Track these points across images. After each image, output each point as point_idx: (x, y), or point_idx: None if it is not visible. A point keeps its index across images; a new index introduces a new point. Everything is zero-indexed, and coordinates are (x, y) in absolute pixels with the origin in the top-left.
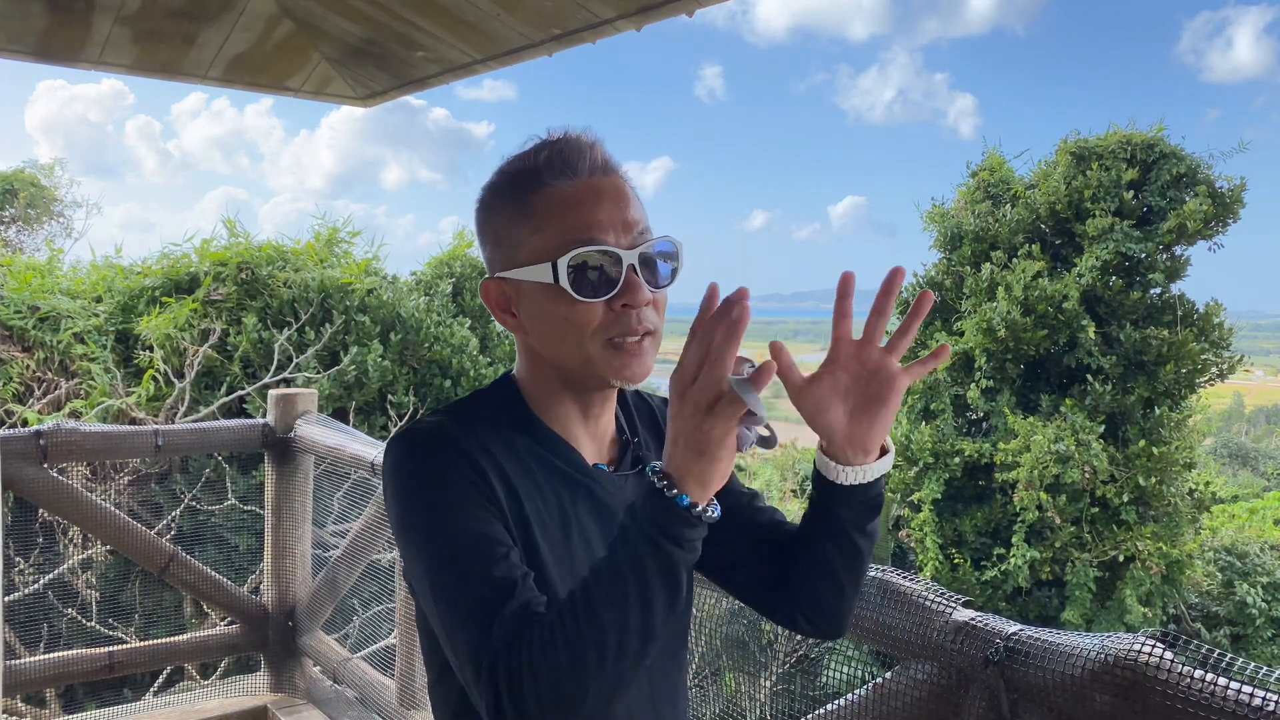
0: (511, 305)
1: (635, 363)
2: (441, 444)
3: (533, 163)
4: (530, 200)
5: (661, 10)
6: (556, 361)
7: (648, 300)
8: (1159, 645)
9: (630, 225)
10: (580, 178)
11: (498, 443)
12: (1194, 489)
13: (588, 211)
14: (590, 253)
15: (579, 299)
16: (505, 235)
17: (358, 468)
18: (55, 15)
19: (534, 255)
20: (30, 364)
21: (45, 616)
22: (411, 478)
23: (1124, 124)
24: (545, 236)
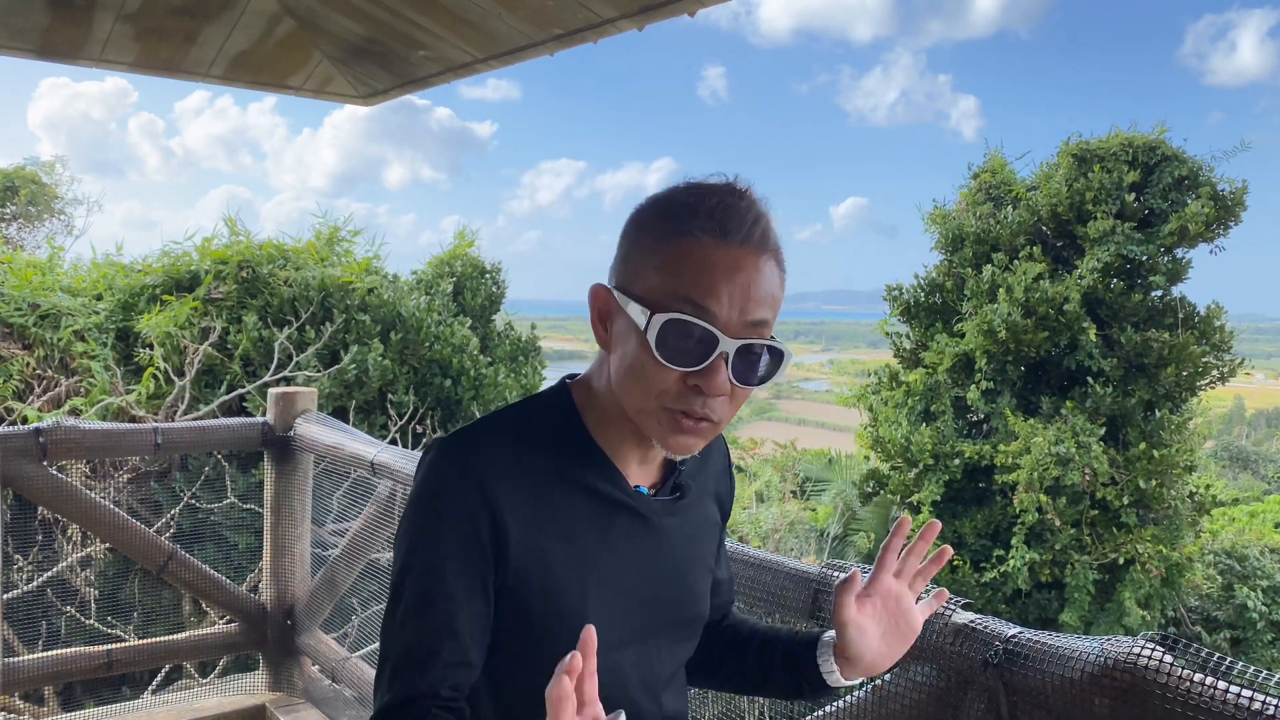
0: (608, 320)
1: (686, 439)
2: (462, 472)
3: (693, 206)
4: (671, 239)
5: (663, 10)
6: (619, 392)
7: (723, 392)
8: (1159, 649)
9: (749, 312)
10: (728, 243)
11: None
12: (1194, 492)
13: (715, 282)
14: (688, 323)
15: (658, 360)
16: (634, 256)
17: (357, 466)
18: (57, 13)
19: (646, 293)
20: (30, 361)
21: (44, 614)
22: (421, 500)
23: (1126, 126)
24: (662, 281)
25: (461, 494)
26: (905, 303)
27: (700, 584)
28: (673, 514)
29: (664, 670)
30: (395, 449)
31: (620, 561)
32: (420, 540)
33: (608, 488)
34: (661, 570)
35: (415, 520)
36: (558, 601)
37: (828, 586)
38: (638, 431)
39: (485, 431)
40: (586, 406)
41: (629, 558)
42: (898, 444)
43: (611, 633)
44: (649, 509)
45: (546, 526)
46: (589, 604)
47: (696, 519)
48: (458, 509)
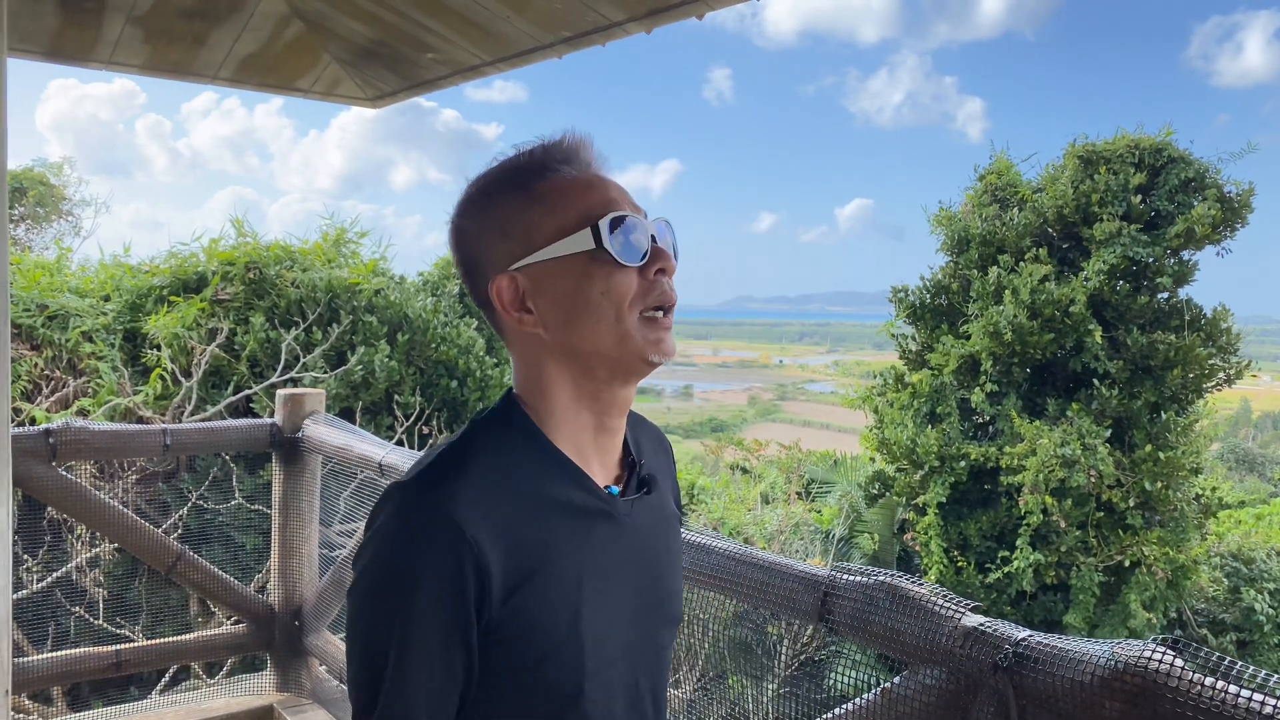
0: (530, 298)
1: (668, 337)
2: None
3: (531, 158)
4: (536, 187)
5: (671, 13)
6: (588, 348)
7: (673, 264)
8: (1169, 652)
9: (638, 206)
10: (585, 168)
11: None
12: (1200, 494)
13: (601, 191)
14: (623, 217)
15: (622, 263)
16: (515, 225)
17: (365, 468)
18: (67, 16)
19: (557, 233)
20: (38, 362)
21: (53, 614)
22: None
23: (1132, 128)
24: (564, 214)
25: (439, 548)
26: (911, 304)
27: (676, 581)
28: (643, 511)
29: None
30: (403, 450)
31: (604, 574)
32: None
33: (582, 497)
34: (642, 574)
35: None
36: (550, 633)
37: (836, 589)
38: (593, 422)
39: (449, 470)
40: (538, 412)
41: (611, 568)
42: (903, 446)
43: (604, 650)
44: (622, 511)
45: (529, 557)
46: (581, 628)
47: (663, 514)
48: (437, 565)
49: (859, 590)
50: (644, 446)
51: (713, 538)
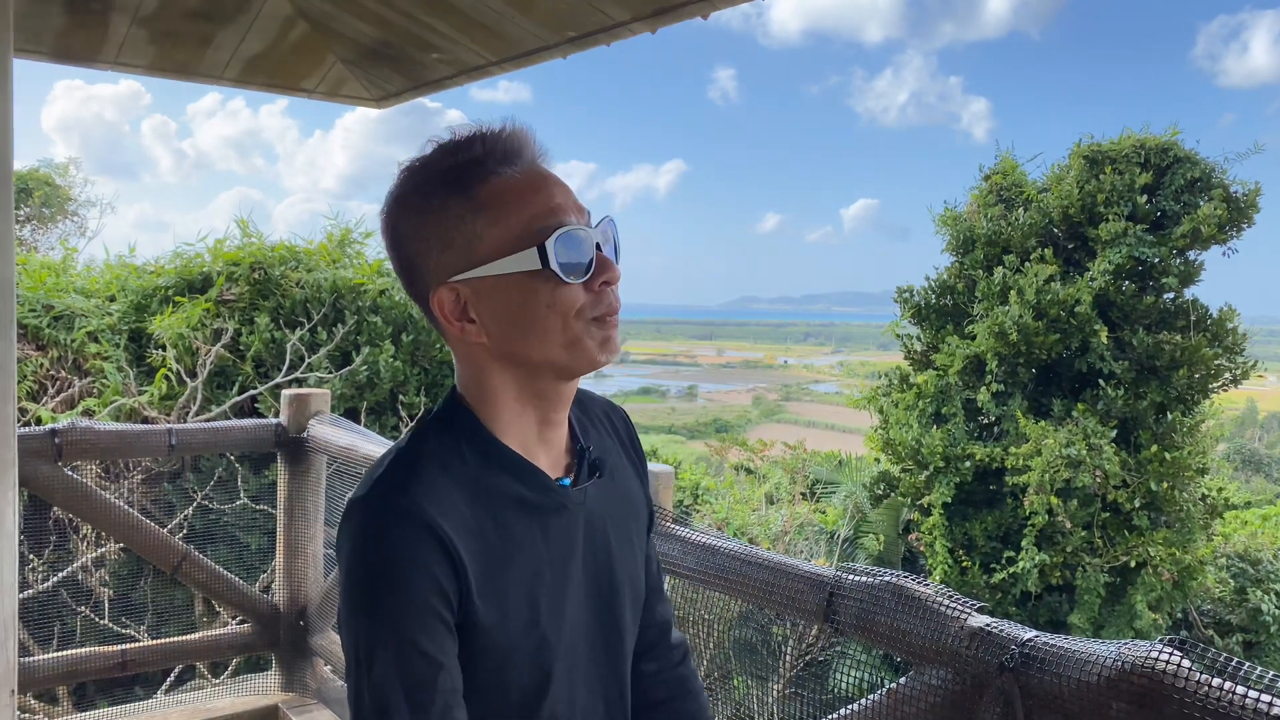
0: (471, 309)
1: (613, 335)
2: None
3: (470, 154)
4: (478, 192)
5: (676, 13)
6: (536, 358)
7: (617, 276)
8: (1176, 653)
9: (582, 208)
10: (527, 165)
11: (459, 494)
12: (1206, 494)
13: (547, 196)
14: (569, 233)
15: (566, 281)
16: (456, 234)
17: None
18: (73, 16)
19: (501, 247)
20: (44, 362)
21: (58, 614)
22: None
23: (1138, 128)
24: (507, 227)
25: (414, 545)
26: (916, 305)
27: (635, 566)
28: (597, 496)
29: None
30: None
31: (562, 565)
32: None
33: (534, 493)
34: (600, 560)
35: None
36: (513, 625)
37: (842, 589)
38: (538, 416)
39: (405, 475)
40: (482, 411)
41: (568, 560)
42: (908, 446)
43: (564, 640)
44: (575, 502)
45: (492, 553)
46: (541, 621)
47: (620, 496)
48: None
49: (864, 590)
50: (590, 428)
51: (717, 538)
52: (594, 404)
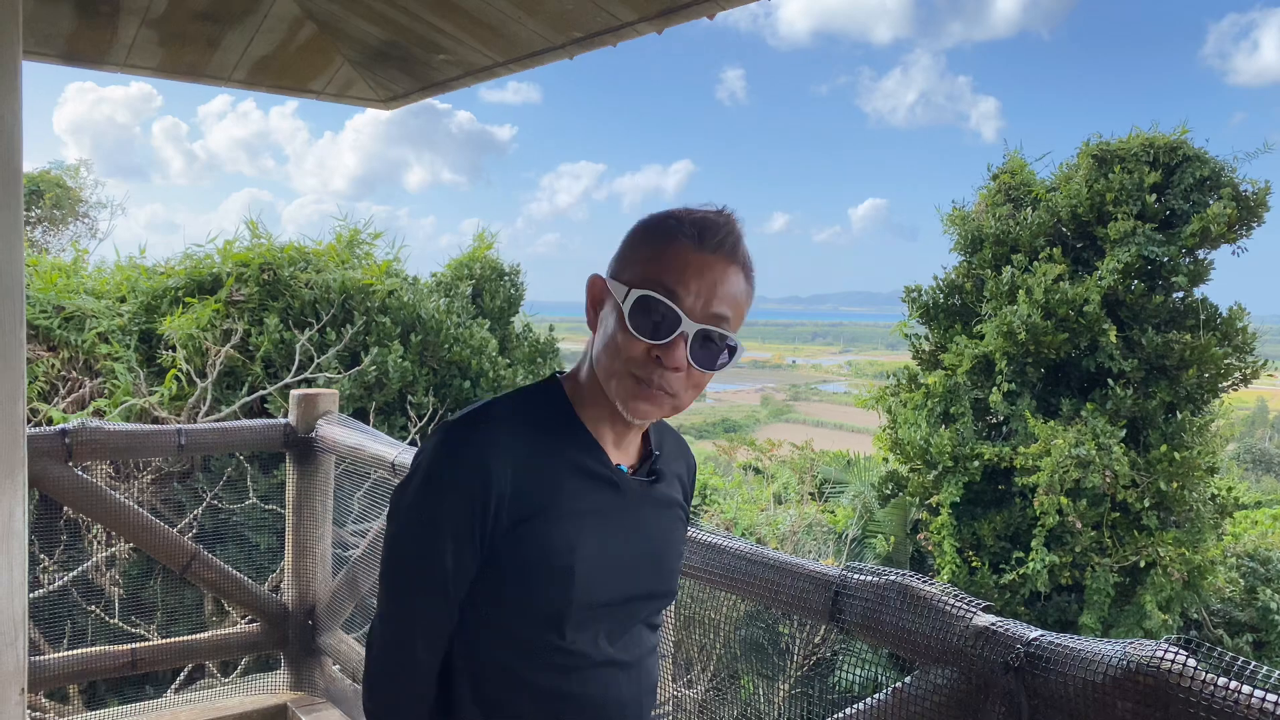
0: (599, 305)
1: (645, 405)
2: (466, 449)
3: (680, 217)
4: (658, 241)
5: (682, 13)
6: (597, 363)
7: (679, 366)
8: (1181, 652)
9: (712, 305)
10: (702, 250)
11: (531, 439)
12: (1216, 494)
13: (686, 275)
14: (658, 301)
15: (629, 330)
16: (628, 253)
17: (378, 468)
18: (83, 19)
19: (629, 276)
20: (55, 363)
21: (69, 613)
22: (429, 470)
23: (1147, 127)
24: (645, 270)
25: (465, 467)
26: (924, 304)
27: (672, 562)
28: (648, 494)
29: (639, 638)
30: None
31: (604, 529)
32: (424, 505)
33: (593, 464)
34: (639, 543)
35: (421, 488)
36: (550, 557)
37: (848, 589)
38: (614, 413)
39: (485, 415)
40: (573, 394)
41: (612, 527)
42: (917, 446)
43: (593, 592)
44: (628, 485)
45: (536, 497)
46: (576, 564)
47: (667, 504)
48: (460, 481)
49: (870, 590)
50: (666, 449)
51: (725, 537)
52: (676, 438)
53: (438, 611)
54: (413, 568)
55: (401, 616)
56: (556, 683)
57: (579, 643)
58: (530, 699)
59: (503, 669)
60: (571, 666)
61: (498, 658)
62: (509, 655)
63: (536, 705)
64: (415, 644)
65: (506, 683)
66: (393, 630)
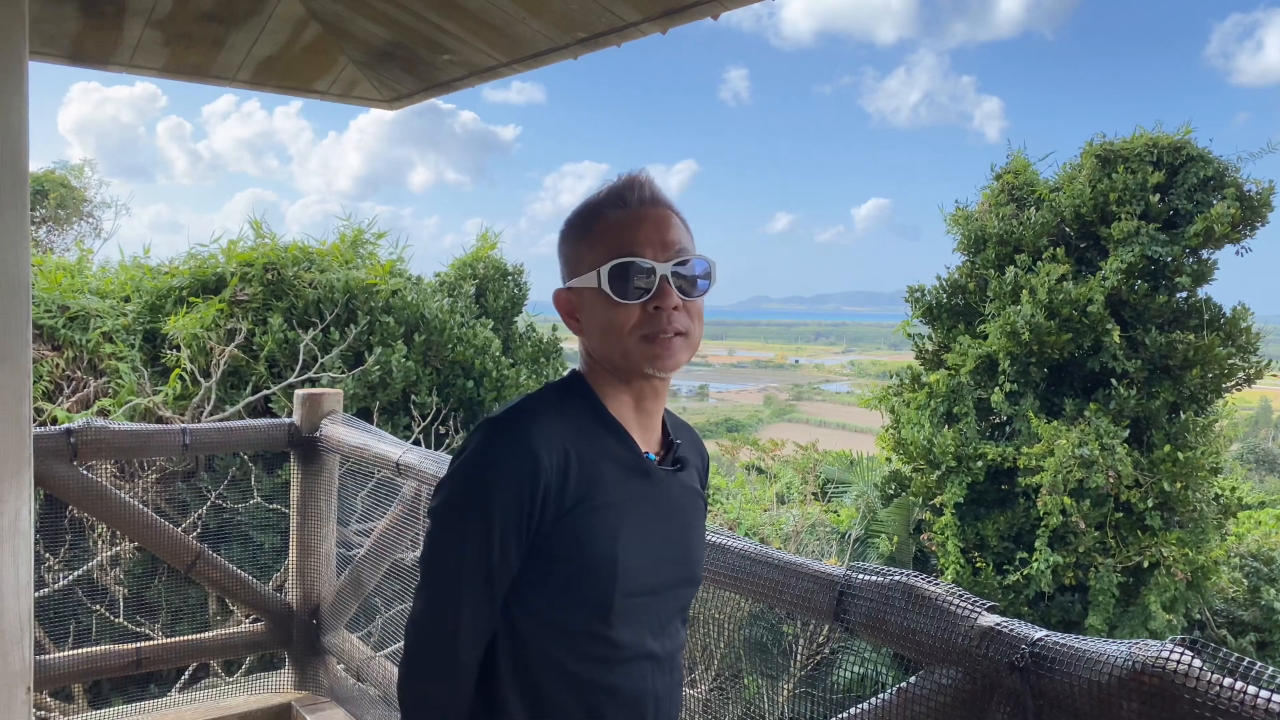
0: (575, 312)
1: (666, 355)
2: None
3: (597, 199)
4: (592, 227)
5: (686, 14)
6: (604, 357)
7: (676, 304)
8: (1187, 652)
9: (669, 245)
10: (630, 208)
11: (571, 431)
12: (1220, 494)
13: (632, 233)
14: (626, 263)
15: (617, 301)
16: (572, 255)
17: (382, 467)
18: (88, 19)
19: (588, 267)
20: (60, 362)
21: (74, 613)
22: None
23: (1151, 126)
24: (597, 252)
25: (514, 460)
26: (927, 304)
27: (700, 549)
28: (674, 481)
29: (674, 631)
30: (420, 450)
31: (641, 517)
32: (473, 499)
33: (626, 454)
34: (672, 531)
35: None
36: (594, 546)
37: (851, 589)
38: (634, 401)
39: (528, 409)
40: (594, 387)
41: (648, 516)
42: (920, 446)
43: (636, 579)
44: (656, 473)
45: (581, 488)
46: (618, 552)
47: (691, 491)
48: (511, 473)
49: (874, 590)
50: (683, 438)
51: (728, 537)
52: (690, 430)
53: (483, 605)
54: (460, 561)
55: (447, 611)
56: (597, 674)
57: (623, 633)
58: (571, 690)
59: (546, 660)
60: (613, 658)
61: (541, 649)
62: (552, 646)
63: (577, 696)
64: (459, 639)
65: (549, 674)
66: (437, 625)
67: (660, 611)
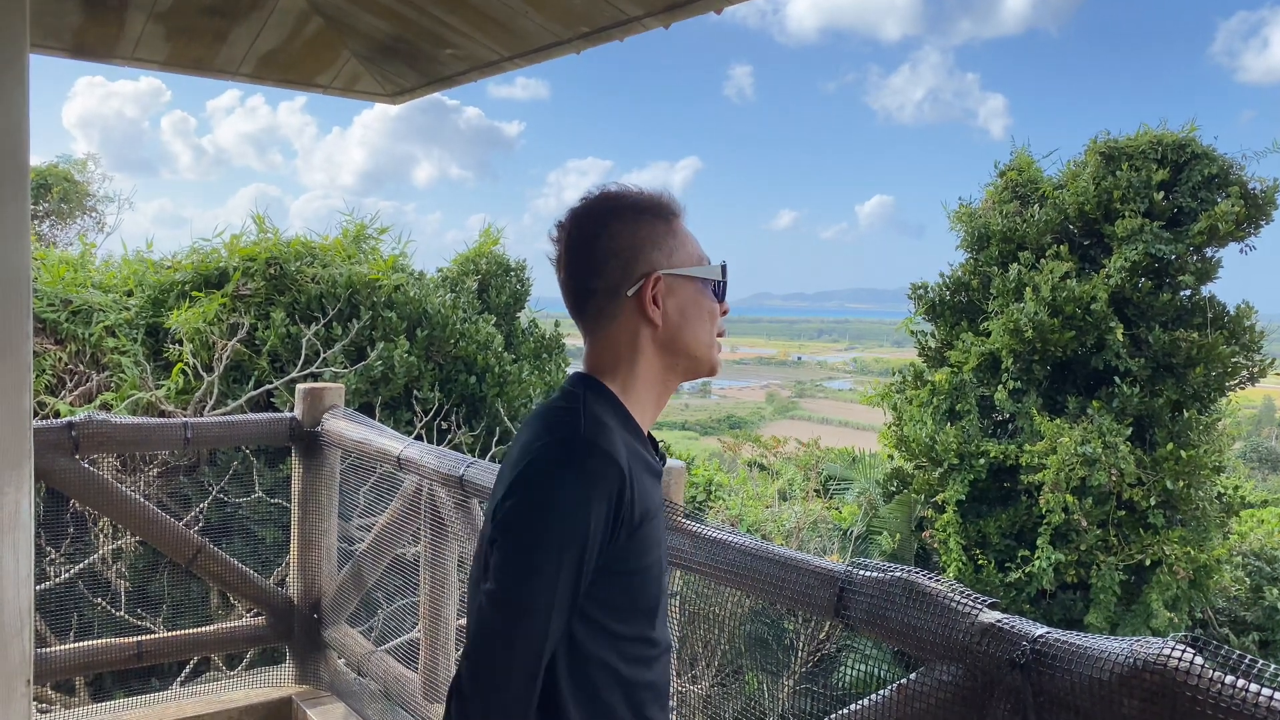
0: (659, 298)
1: (719, 360)
2: (599, 454)
3: (660, 200)
4: (671, 223)
5: (689, 8)
6: (685, 348)
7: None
8: (1188, 650)
9: None
10: (681, 218)
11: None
12: (1223, 493)
13: (697, 242)
14: (725, 267)
15: (718, 300)
16: (662, 242)
17: (383, 462)
18: (90, 13)
19: (692, 261)
20: (62, 356)
21: (75, 606)
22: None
23: (1155, 124)
24: (690, 251)
25: (608, 475)
26: (930, 301)
27: None
28: None
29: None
30: (422, 444)
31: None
32: (572, 513)
33: (651, 460)
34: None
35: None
36: (649, 555)
37: (852, 585)
38: (652, 409)
39: (600, 420)
40: (620, 388)
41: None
42: (922, 443)
43: (664, 579)
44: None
45: (643, 501)
46: (660, 556)
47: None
48: (605, 488)
49: (875, 586)
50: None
51: (730, 533)
52: None
53: (561, 623)
54: (554, 580)
55: (530, 637)
56: (642, 673)
57: (661, 631)
58: (621, 690)
59: (599, 664)
60: (653, 656)
61: (594, 654)
62: (605, 651)
63: (626, 695)
64: (542, 658)
65: (601, 677)
66: (516, 653)
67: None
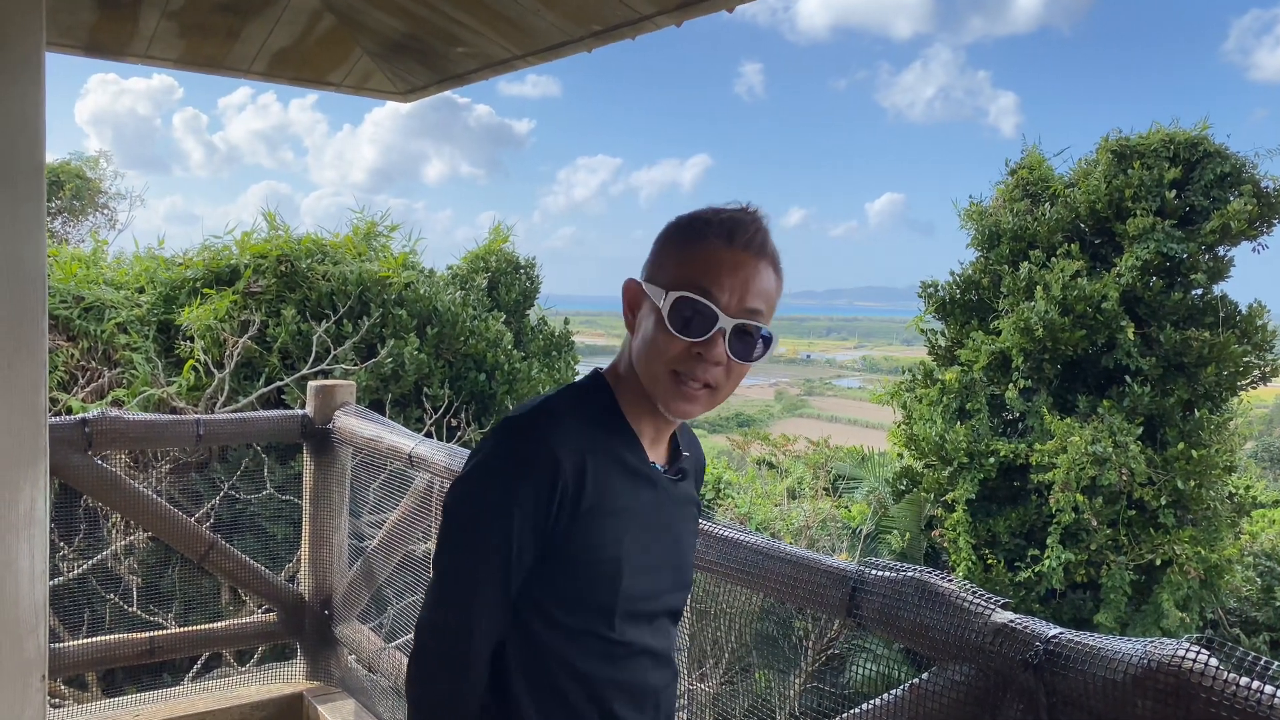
0: (635, 307)
1: (685, 402)
2: (532, 440)
3: (709, 218)
4: (691, 243)
5: (701, 6)
6: (641, 367)
7: (720, 360)
8: (1203, 651)
9: (746, 301)
10: (733, 247)
11: (587, 436)
12: (1234, 493)
13: (720, 273)
14: (694, 300)
15: (670, 330)
16: (661, 256)
17: (395, 459)
18: (104, 10)
19: (664, 279)
20: (75, 353)
21: (88, 601)
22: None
23: (1167, 123)
24: (679, 272)
25: (535, 458)
26: (940, 299)
27: (691, 555)
28: (675, 491)
29: (666, 629)
30: (433, 442)
31: (644, 527)
32: (492, 496)
33: (636, 462)
34: (669, 541)
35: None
36: (601, 553)
37: (864, 584)
38: (653, 410)
39: (548, 409)
40: (619, 386)
41: (650, 525)
42: (932, 442)
43: (637, 585)
44: (661, 483)
45: (594, 492)
46: (622, 559)
47: (688, 501)
48: (531, 472)
49: (887, 585)
50: (689, 450)
51: (740, 531)
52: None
53: (496, 604)
54: (478, 558)
55: (462, 607)
56: (601, 669)
57: (625, 633)
58: (577, 683)
59: (555, 657)
60: (616, 655)
61: (550, 647)
62: (559, 643)
63: (583, 688)
64: (474, 635)
65: (555, 668)
66: (452, 621)
67: (654, 614)
